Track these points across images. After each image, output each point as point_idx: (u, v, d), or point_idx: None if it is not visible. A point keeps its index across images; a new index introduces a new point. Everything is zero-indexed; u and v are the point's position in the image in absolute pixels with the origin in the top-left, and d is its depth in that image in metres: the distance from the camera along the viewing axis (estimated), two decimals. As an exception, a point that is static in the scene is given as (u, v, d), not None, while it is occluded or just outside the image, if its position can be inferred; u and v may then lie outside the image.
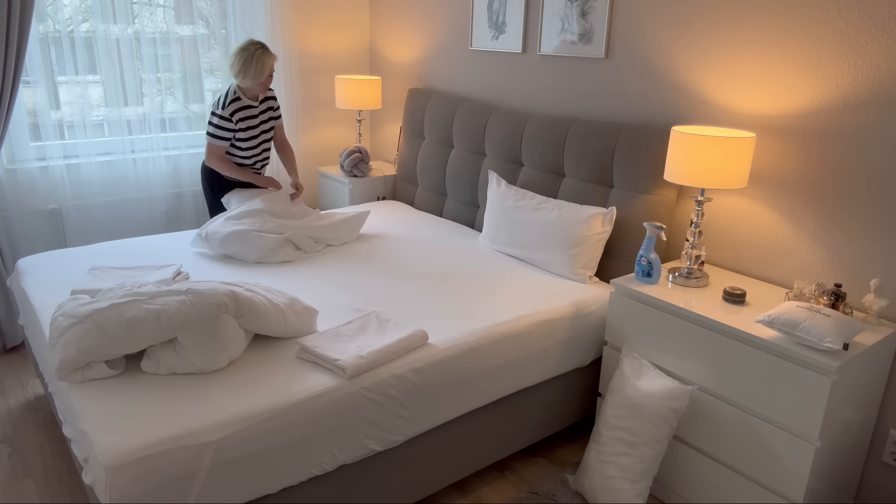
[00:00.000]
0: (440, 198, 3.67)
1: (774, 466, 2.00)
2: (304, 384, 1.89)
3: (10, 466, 2.48)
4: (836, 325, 1.88)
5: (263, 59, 3.11)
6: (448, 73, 3.76)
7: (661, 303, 2.25)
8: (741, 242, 2.51)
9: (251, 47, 3.10)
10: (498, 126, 3.23)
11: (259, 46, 3.12)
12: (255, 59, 3.09)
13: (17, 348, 3.34)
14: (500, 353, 2.27)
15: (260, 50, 3.11)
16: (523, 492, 2.42)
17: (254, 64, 3.10)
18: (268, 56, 3.13)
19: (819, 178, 2.25)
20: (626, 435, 2.20)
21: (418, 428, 2.11)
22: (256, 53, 3.10)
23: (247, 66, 3.10)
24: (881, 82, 2.06)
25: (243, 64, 3.10)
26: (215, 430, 1.70)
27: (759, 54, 2.34)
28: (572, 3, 2.95)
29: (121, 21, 3.42)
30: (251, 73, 3.11)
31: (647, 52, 2.71)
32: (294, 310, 2.11)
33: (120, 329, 1.85)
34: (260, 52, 3.11)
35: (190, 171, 3.81)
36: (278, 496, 1.87)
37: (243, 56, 3.09)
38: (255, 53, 3.10)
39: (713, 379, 2.13)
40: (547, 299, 2.50)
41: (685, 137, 2.22)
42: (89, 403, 1.76)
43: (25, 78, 3.23)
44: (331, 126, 4.40)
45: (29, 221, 3.40)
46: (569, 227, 2.69)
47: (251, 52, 3.09)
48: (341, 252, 2.95)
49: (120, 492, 1.57)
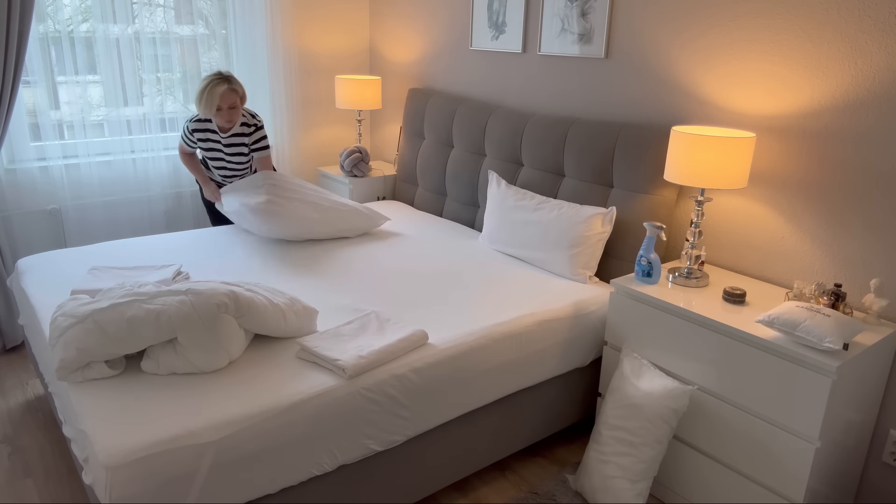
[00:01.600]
0: (440, 198, 3.67)
1: (774, 466, 2.00)
2: (304, 384, 1.89)
3: (10, 466, 2.48)
4: (836, 325, 1.88)
5: (214, 91, 2.95)
6: (448, 73, 3.76)
7: (661, 303, 2.25)
8: (741, 242, 2.51)
9: (209, 78, 2.97)
10: (498, 126, 3.23)
11: (216, 79, 2.96)
12: (207, 89, 2.95)
13: (17, 348, 3.34)
14: (500, 353, 2.27)
15: (215, 81, 2.96)
16: (523, 492, 2.42)
17: (204, 95, 2.96)
18: (220, 86, 2.95)
19: (819, 178, 2.25)
20: (626, 435, 2.20)
21: (418, 428, 2.11)
22: (210, 84, 2.95)
23: (200, 96, 2.98)
24: (881, 82, 2.06)
25: (199, 93, 2.98)
26: (215, 430, 1.70)
27: (759, 54, 2.34)
28: (572, 3, 2.95)
29: (121, 21, 3.42)
30: (201, 103, 2.98)
31: (647, 52, 2.71)
32: (294, 310, 2.11)
33: (120, 329, 1.85)
34: (214, 83, 2.95)
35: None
36: (278, 496, 1.87)
37: (201, 85, 2.97)
38: (208, 84, 2.95)
39: (713, 379, 2.13)
40: (547, 299, 2.50)
41: (685, 137, 2.22)
42: (89, 403, 1.76)
43: (25, 78, 3.23)
44: (331, 126, 4.40)
45: (29, 221, 3.40)
46: (569, 227, 2.69)
47: (206, 81, 2.96)
48: (341, 252, 2.95)
49: (120, 492, 1.57)
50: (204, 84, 2.97)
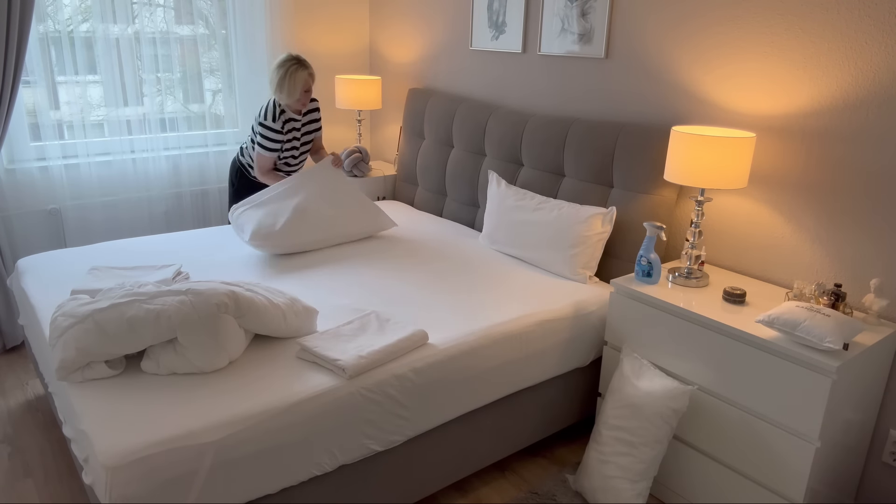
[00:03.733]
0: (440, 198, 3.67)
1: (774, 466, 2.00)
2: (304, 384, 1.89)
3: (10, 466, 2.48)
4: (836, 325, 1.88)
5: (296, 76, 3.05)
6: (448, 73, 3.76)
7: (661, 303, 2.25)
8: (741, 242, 2.51)
9: (286, 63, 3.05)
10: (498, 126, 3.23)
11: (294, 62, 3.06)
12: (288, 75, 3.04)
13: (17, 348, 3.34)
14: (500, 353, 2.27)
15: (294, 66, 3.05)
16: (523, 492, 2.42)
17: (287, 80, 3.05)
18: (301, 72, 3.06)
19: (819, 178, 2.25)
20: (626, 435, 2.20)
21: (418, 428, 2.11)
22: (290, 69, 3.04)
23: (281, 83, 3.05)
24: (881, 82, 2.06)
25: (279, 81, 3.06)
26: (215, 430, 1.70)
27: (759, 54, 2.34)
28: (572, 3, 2.95)
29: (121, 21, 3.42)
30: (285, 89, 3.06)
31: (647, 52, 2.71)
32: (294, 310, 2.11)
33: (120, 329, 1.85)
34: (294, 67, 3.05)
35: (189, 172, 3.81)
36: (278, 496, 1.87)
37: (279, 72, 3.05)
38: (289, 70, 3.04)
39: (713, 379, 2.13)
40: (547, 299, 2.50)
41: (685, 137, 2.22)
42: (89, 403, 1.76)
43: (25, 78, 3.23)
44: (331, 126, 4.40)
45: (29, 221, 3.40)
46: (569, 227, 2.69)
47: (286, 68, 3.04)
48: (341, 252, 2.95)
49: (120, 492, 1.57)
50: (283, 71, 3.04)
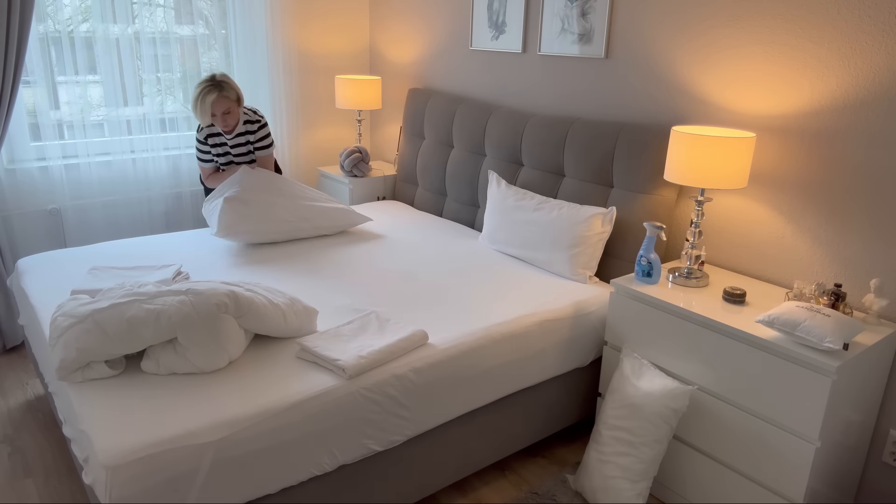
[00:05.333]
0: (440, 198, 3.67)
1: (774, 466, 2.00)
2: (304, 384, 1.89)
3: (10, 466, 2.48)
4: (836, 325, 1.88)
5: (205, 100, 2.91)
6: (448, 73, 3.76)
7: (661, 303, 2.25)
8: (741, 242, 2.51)
9: (200, 85, 2.92)
10: (498, 126, 3.23)
11: (207, 85, 2.92)
12: (200, 97, 2.92)
13: (17, 348, 3.34)
14: (500, 353, 2.27)
15: (207, 88, 2.91)
16: (523, 492, 2.42)
17: (199, 103, 2.93)
18: (210, 95, 2.91)
19: (819, 178, 2.25)
20: (626, 435, 2.20)
21: (418, 428, 2.11)
22: (202, 92, 2.92)
23: (194, 104, 2.95)
24: (881, 82, 2.06)
25: (192, 101, 2.94)
26: (215, 430, 1.70)
27: (759, 54, 2.34)
28: (572, 3, 2.95)
29: (121, 21, 3.42)
30: (197, 110, 2.95)
31: (647, 52, 2.71)
32: (294, 310, 2.11)
33: (120, 329, 1.85)
34: (206, 90, 2.91)
35: (189, 172, 3.81)
36: (278, 496, 1.87)
37: (194, 93, 2.94)
38: (200, 92, 2.92)
39: (713, 379, 2.13)
40: (547, 299, 2.50)
41: (685, 137, 2.22)
42: (89, 403, 1.76)
43: (25, 78, 3.23)
44: (331, 126, 4.40)
45: (29, 221, 3.40)
46: (569, 227, 2.69)
47: (199, 89, 2.92)
48: (341, 252, 2.95)
49: (120, 492, 1.57)
50: (196, 92, 2.93)
